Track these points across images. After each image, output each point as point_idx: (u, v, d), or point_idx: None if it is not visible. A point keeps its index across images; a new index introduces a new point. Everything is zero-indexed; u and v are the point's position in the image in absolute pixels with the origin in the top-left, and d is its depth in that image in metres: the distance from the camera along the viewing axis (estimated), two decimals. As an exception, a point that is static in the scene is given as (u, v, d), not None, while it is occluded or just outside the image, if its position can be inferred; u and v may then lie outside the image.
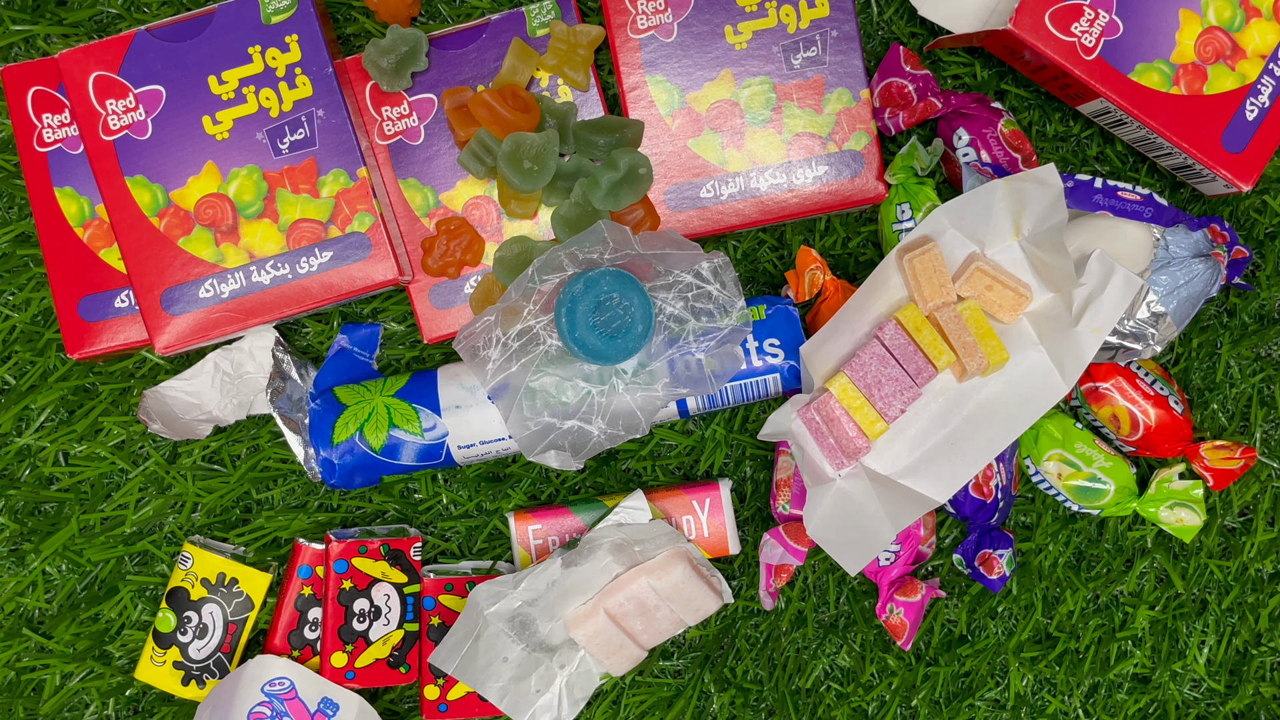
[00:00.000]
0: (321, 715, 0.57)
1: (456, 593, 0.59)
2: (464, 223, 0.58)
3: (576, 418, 0.55)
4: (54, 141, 0.58)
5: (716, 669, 0.61)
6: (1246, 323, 0.61)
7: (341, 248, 0.56)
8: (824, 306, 0.58)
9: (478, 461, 0.59)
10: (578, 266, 0.53)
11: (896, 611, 0.58)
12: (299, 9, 0.55)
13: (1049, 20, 0.53)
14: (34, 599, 0.61)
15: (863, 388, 0.52)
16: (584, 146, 0.57)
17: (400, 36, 0.56)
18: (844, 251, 0.61)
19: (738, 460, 0.61)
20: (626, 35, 0.58)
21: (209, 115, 0.55)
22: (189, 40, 0.55)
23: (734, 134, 0.58)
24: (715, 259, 0.55)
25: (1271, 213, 0.61)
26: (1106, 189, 0.57)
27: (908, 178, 0.57)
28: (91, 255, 0.58)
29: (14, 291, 0.61)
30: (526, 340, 0.54)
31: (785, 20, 0.58)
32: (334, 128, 0.55)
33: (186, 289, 0.56)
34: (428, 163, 0.58)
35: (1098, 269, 0.51)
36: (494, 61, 0.58)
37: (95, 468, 0.61)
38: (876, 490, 0.52)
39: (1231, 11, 0.55)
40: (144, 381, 0.61)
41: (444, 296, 0.59)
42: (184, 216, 0.56)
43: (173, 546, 0.61)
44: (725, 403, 0.58)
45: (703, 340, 0.55)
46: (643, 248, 0.53)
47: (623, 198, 0.56)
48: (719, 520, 0.58)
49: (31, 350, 0.61)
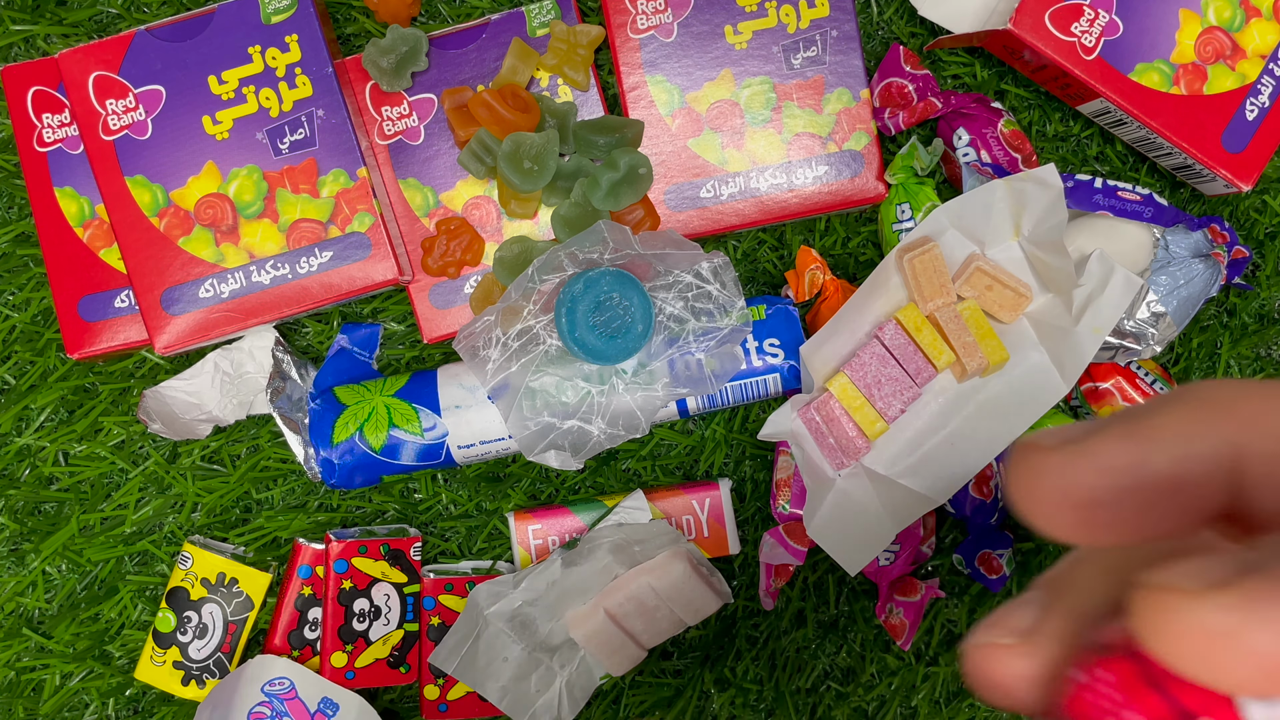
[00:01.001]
0: (321, 715, 0.57)
1: (456, 593, 0.59)
2: (464, 223, 0.58)
3: (576, 418, 0.55)
4: (54, 141, 0.58)
5: (716, 669, 0.61)
6: (1246, 323, 0.61)
7: (341, 248, 0.56)
8: (824, 306, 0.58)
9: (478, 461, 0.59)
10: (578, 266, 0.53)
11: (896, 611, 0.58)
12: (299, 9, 0.55)
13: (1049, 20, 0.53)
14: (34, 599, 0.61)
15: (863, 388, 0.52)
16: (584, 146, 0.57)
17: (400, 36, 0.56)
18: (844, 251, 0.61)
19: (738, 460, 0.61)
20: (626, 35, 0.58)
21: (209, 115, 0.55)
22: (189, 40, 0.55)
23: (734, 134, 0.58)
24: (715, 259, 0.55)
25: (1271, 213, 0.61)
26: (1106, 189, 0.57)
27: (908, 178, 0.57)
28: (91, 255, 0.57)
29: (14, 291, 0.61)
30: (526, 340, 0.54)
31: (785, 20, 0.58)
32: (334, 128, 0.55)
33: (186, 289, 0.56)
34: (428, 163, 0.58)
35: (1098, 269, 0.51)
36: (494, 61, 0.58)
37: (95, 468, 0.61)
38: (876, 490, 0.52)
39: (1231, 11, 0.55)
40: (144, 381, 0.61)
41: (444, 296, 0.58)
42: (184, 216, 0.56)
43: (173, 546, 0.61)
44: (725, 403, 0.58)
45: (703, 340, 0.55)
46: (643, 248, 0.53)
47: (623, 198, 0.56)
48: (719, 520, 0.58)
49: (31, 350, 0.61)
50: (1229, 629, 0.12)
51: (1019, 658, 0.16)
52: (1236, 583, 0.12)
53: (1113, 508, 0.14)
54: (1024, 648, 0.16)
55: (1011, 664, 0.16)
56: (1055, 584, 0.17)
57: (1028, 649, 0.16)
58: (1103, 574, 0.16)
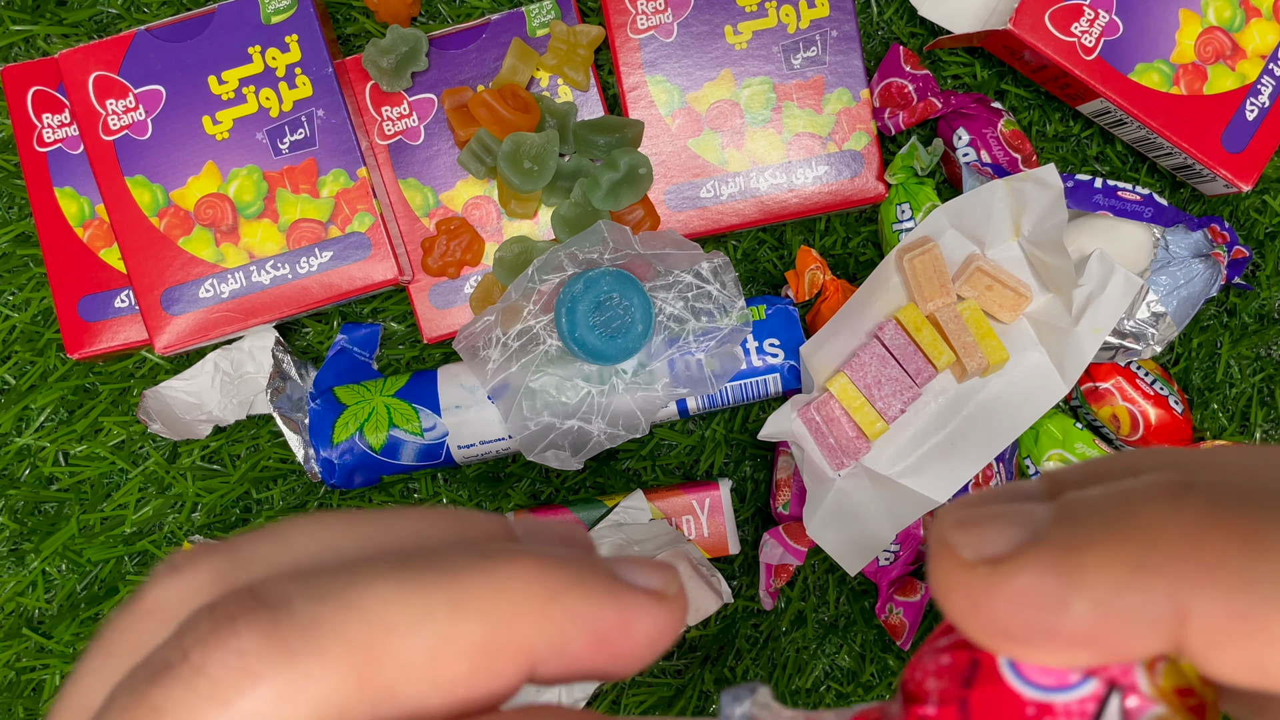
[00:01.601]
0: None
1: (456, 593, 0.59)
2: (464, 223, 0.58)
3: (576, 418, 0.55)
4: (54, 141, 0.58)
5: (716, 669, 0.61)
6: (1246, 323, 0.61)
7: (341, 248, 0.56)
8: (824, 306, 0.58)
9: (478, 461, 0.59)
10: (578, 266, 0.53)
11: (896, 611, 0.58)
12: (299, 9, 0.55)
13: (1049, 20, 0.53)
14: (34, 599, 0.61)
15: (863, 388, 0.52)
16: (584, 146, 0.57)
17: (400, 36, 0.56)
18: (844, 251, 0.61)
19: (738, 460, 0.61)
20: (626, 35, 0.58)
21: (209, 115, 0.55)
22: (189, 40, 0.55)
23: (734, 134, 0.58)
24: (715, 259, 0.55)
25: (1271, 213, 0.61)
26: (1106, 189, 0.57)
27: (908, 178, 0.57)
28: (91, 255, 0.58)
29: (14, 291, 0.61)
30: (526, 340, 0.54)
31: (785, 20, 0.58)
32: (334, 128, 0.55)
33: (186, 289, 0.56)
34: (428, 163, 0.58)
35: (1098, 269, 0.51)
36: (494, 61, 0.58)
37: (95, 468, 0.61)
38: (876, 490, 0.52)
39: (1231, 11, 0.55)
40: (144, 381, 0.61)
41: (444, 296, 0.58)
42: (184, 216, 0.56)
43: (172, 546, 0.61)
44: (725, 403, 0.58)
45: (703, 340, 0.55)
46: (643, 248, 0.53)
47: (623, 198, 0.56)
48: (719, 520, 0.58)
49: (31, 350, 0.61)
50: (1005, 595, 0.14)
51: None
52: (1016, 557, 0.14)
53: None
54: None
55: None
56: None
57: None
58: None
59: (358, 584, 0.14)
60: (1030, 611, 0.13)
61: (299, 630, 0.13)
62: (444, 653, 0.14)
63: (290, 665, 0.13)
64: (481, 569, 0.14)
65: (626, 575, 0.16)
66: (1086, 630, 0.13)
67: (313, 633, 0.13)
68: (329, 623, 0.14)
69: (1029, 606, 0.13)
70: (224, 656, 0.13)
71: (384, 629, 0.14)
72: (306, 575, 0.14)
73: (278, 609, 0.14)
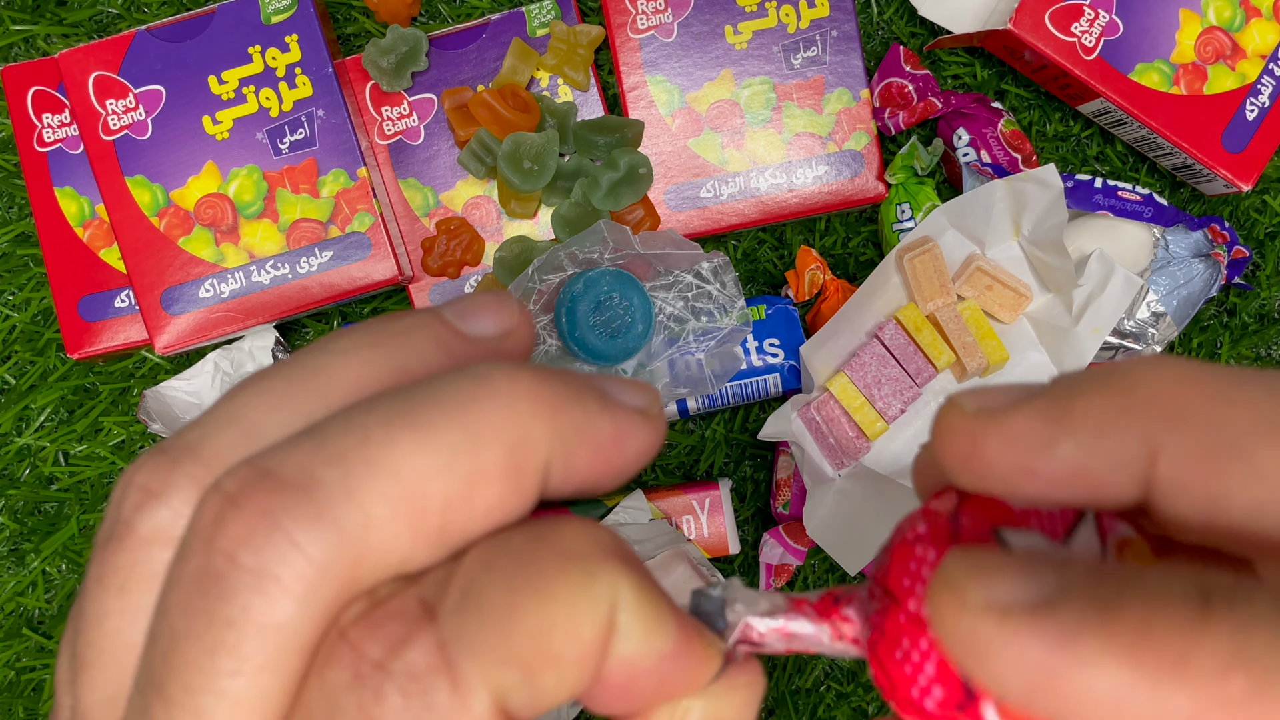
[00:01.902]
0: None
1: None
2: (464, 223, 0.58)
3: (576, 418, 0.55)
4: (54, 141, 0.58)
5: (716, 669, 0.61)
6: (1246, 323, 0.61)
7: (341, 247, 0.56)
8: (824, 306, 0.58)
9: (478, 461, 0.59)
10: (578, 266, 0.53)
11: (896, 611, 0.57)
12: (299, 9, 0.55)
13: (1049, 20, 0.53)
14: (34, 599, 0.61)
15: (863, 388, 0.52)
16: (584, 146, 0.57)
17: (400, 36, 0.56)
18: (844, 251, 0.61)
19: (738, 460, 0.61)
20: (626, 35, 0.58)
21: (209, 115, 0.55)
22: (189, 40, 0.55)
23: (734, 134, 0.58)
24: (715, 259, 0.55)
25: (1271, 213, 0.61)
26: (1106, 189, 0.57)
27: (908, 178, 0.57)
28: (91, 255, 0.58)
29: (14, 291, 0.61)
30: (526, 340, 0.54)
31: (785, 20, 0.58)
32: (334, 128, 0.55)
33: (186, 289, 0.56)
34: (428, 163, 0.58)
35: (1098, 269, 0.51)
36: (494, 61, 0.58)
37: (95, 468, 0.61)
38: (877, 490, 0.52)
39: (1231, 11, 0.55)
40: (144, 381, 0.61)
41: (444, 296, 0.58)
42: (184, 216, 0.56)
43: (173, 546, 0.61)
44: (725, 403, 0.58)
45: (703, 340, 0.55)
46: (643, 248, 0.53)
47: (623, 198, 0.56)
48: (719, 520, 0.58)
49: (31, 350, 0.61)
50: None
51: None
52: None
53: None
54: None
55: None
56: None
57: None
58: None
59: (373, 441, 0.14)
60: (1019, 451, 0.14)
61: (338, 503, 0.13)
62: (477, 484, 0.14)
63: (344, 541, 0.13)
64: (487, 394, 0.15)
65: (614, 393, 0.16)
66: (1069, 469, 0.14)
67: (354, 501, 0.14)
68: (362, 490, 0.14)
69: (1018, 446, 0.14)
70: (278, 552, 0.13)
71: (417, 478, 0.14)
72: (316, 440, 0.14)
73: (309, 488, 0.14)
